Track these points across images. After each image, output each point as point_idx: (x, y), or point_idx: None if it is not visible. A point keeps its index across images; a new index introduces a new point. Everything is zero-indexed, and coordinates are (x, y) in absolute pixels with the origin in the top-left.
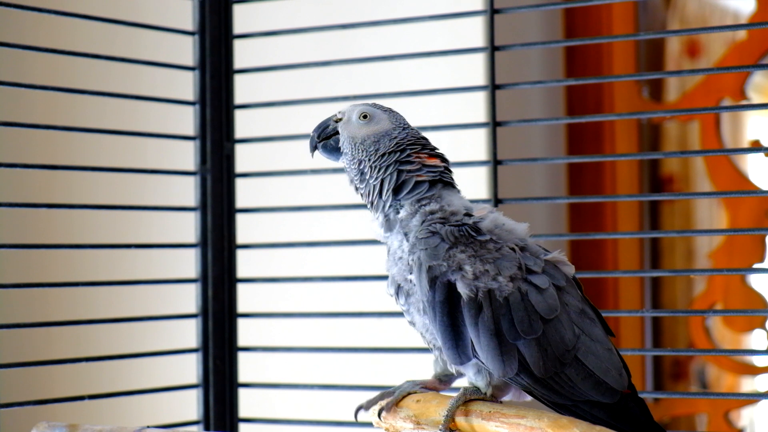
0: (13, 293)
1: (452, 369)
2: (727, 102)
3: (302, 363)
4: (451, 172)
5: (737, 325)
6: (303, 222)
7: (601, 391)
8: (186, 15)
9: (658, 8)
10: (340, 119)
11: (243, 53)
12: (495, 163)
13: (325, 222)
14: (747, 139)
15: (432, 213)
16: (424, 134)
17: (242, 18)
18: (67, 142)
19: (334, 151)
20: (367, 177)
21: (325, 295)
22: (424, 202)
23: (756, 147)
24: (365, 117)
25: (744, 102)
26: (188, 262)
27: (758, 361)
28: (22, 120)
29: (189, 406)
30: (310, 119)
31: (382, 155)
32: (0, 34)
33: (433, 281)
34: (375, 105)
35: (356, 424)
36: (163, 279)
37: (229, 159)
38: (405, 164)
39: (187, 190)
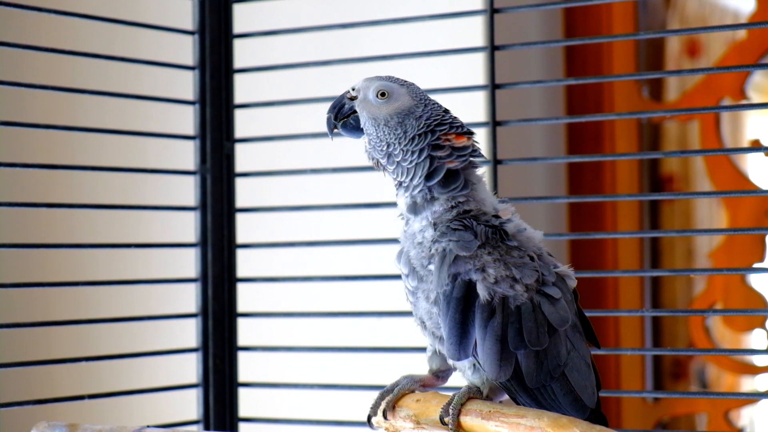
0: (13, 293)
1: (450, 363)
2: (727, 102)
3: (302, 363)
4: (477, 144)
5: (737, 324)
6: (303, 222)
7: (576, 408)
8: (186, 15)
9: (658, 8)
10: (355, 97)
11: (243, 53)
12: (495, 162)
13: (325, 222)
14: (747, 138)
15: (467, 212)
16: None
17: (242, 18)
18: (67, 142)
19: (355, 130)
20: (398, 160)
21: (325, 295)
22: (461, 199)
23: (756, 147)
24: (383, 95)
25: (744, 102)
26: (188, 262)
27: (758, 360)
28: (22, 120)
29: (189, 405)
30: (310, 119)
31: (412, 138)
32: (0, 34)
33: (454, 276)
34: (390, 78)
35: (356, 424)
36: (163, 279)
37: (229, 159)
38: (436, 149)
39: (187, 190)
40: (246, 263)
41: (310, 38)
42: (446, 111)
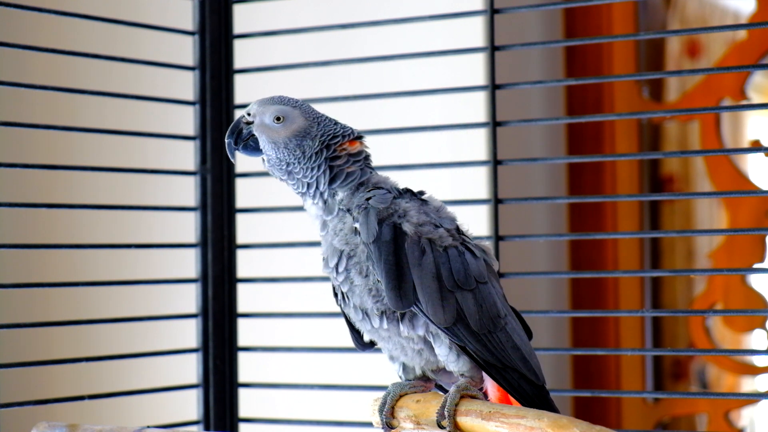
0: (13, 293)
1: (417, 368)
2: (727, 102)
3: (302, 363)
4: (368, 148)
5: (737, 325)
6: (303, 222)
7: (528, 367)
8: (186, 15)
9: (658, 8)
10: (251, 122)
11: (243, 53)
12: (495, 163)
13: None
14: (747, 139)
15: (376, 184)
16: (424, 134)
17: (242, 18)
18: (67, 142)
19: (255, 150)
20: (299, 176)
21: (325, 295)
22: (363, 180)
23: (756, 147)
24: (279, 119)
25: (744, 102)
26: (188, 262)
27: (758, 361)
28: (22, 120)
29: (189, 406)
30: None
31: (311, 157)
32: (0, 34)
33: (380, 222)
34: (283, 101)
35: (356, 424)
36: (163, 279)
37: (229, 159)
38: (334, 160)
39: (187, 190)
40: (246, 263)
41: (310, 38)
42: (336, 123)
